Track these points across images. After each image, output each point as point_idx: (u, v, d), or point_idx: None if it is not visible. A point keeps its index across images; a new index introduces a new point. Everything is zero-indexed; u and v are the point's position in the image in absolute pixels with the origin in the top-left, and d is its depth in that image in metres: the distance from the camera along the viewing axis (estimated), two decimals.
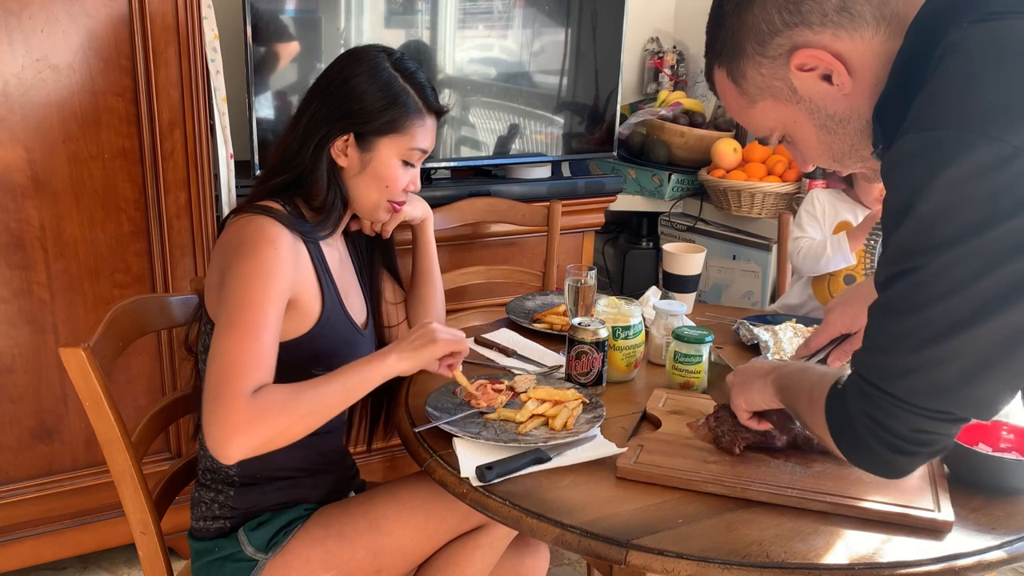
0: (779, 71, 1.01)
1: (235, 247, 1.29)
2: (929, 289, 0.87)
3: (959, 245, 0.85)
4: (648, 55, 3.36)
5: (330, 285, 1.40)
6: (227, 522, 1.40)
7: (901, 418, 0.92)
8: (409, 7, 2.38)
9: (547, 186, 2.58)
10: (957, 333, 0.87)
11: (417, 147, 1.42)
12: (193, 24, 1.95)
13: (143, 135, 1.96)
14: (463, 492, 1.20)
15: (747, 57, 1.02)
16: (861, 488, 1.17)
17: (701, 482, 1.18)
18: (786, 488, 1.17)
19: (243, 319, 1.22)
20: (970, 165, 0.83)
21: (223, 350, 1.19)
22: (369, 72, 1.39)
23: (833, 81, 0.98)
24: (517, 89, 2.57)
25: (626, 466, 1.22)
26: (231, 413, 1.14)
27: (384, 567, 1.38)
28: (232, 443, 1.14)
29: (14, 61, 1.81)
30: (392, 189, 1.42)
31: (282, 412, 1.17)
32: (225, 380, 1.17)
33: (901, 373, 0.91)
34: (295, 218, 1.36)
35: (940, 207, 0.85)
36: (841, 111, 1.01)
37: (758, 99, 1.05)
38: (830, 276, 2.15)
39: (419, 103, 1.41)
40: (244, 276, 1.25)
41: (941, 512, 1.12)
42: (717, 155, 2.89)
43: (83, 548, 2.14)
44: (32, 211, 1.90)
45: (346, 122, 1.37)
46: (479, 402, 1.38)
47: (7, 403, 1.97)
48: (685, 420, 1.36)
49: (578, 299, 1.68)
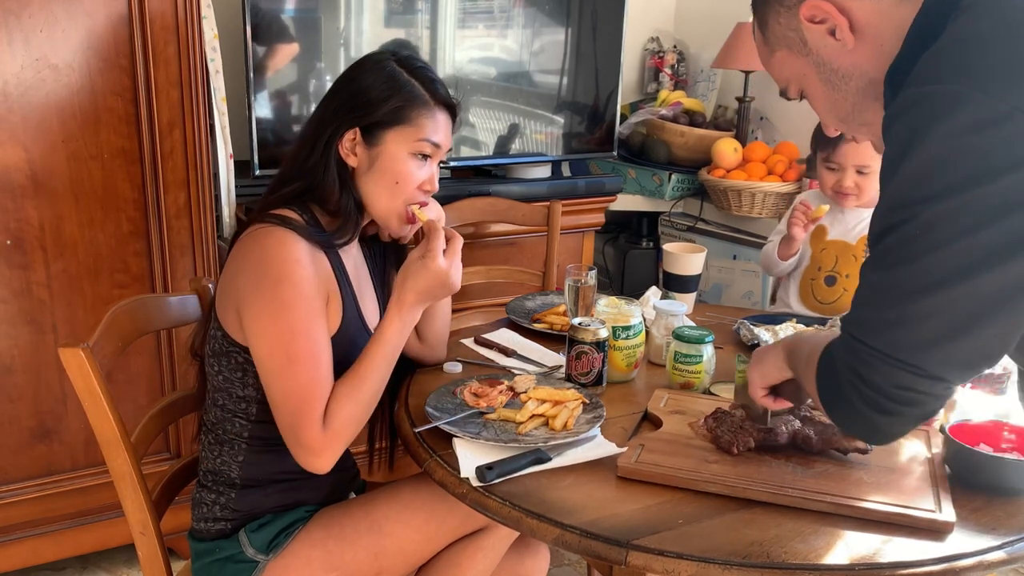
0: (793, 21, 1.04)
1: (256, 265, 1.29)
2: (917, 243, 0.87)
3: (949, 199, 0.85)
4: (648, 55, 3.36)
5: (349, 294, 1.40)
6: (228, 523, 1.40)
7: (883, 372, 0.91)
8: (409, 7, 2.38)
9: (547, 186, 2.58)
10: (941, 288, 0.87)
11: (426, 138, 1.37)
12: (193, 24, 1.95)
13: (142, 135, 1.95)
14: (463, 492, 1.19)
15: (770, 6, 1.06)
16: (862, 488, 1.17)
17: (702, 482, 1.18)
18: (787, 488, 1.16)
19: (299, 352, 1.26)
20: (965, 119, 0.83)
21: (292, 387, 1.27)
22: (373, 69, 1.38)
23: (836, 36, 1.00)
24: (517, 89, 2.57)
25: (627, 465, 1.21)
26: (314, 442, 1.26)
27: (385, 569, 1.37)
28: (323, 463, 1.27)
29: (14, 61, 1.81)
30: (403, 186, 1.38)
31: (352, 421, 1.29)
32: (302, 415, 1.26)
33: (885, 326, 0.91)
34: (312, 227, 1.34)
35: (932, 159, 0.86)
36: (844, 67, 1.03)
37: (776, 49, 1.09)
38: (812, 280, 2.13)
39: (424, 94, 1.38)
40: (283, 305, 1.27)
41: (942, 513, 1.12)
42: (717, 155, 2.89)
43: (83, 548, 2.14)
44: (31, 211, 1.89)
45: (350, 116, 1.36)
46: (479, 402, 1.38)
47: (6, 403, 1.97)
48: (686, 420, 1.36)
49: (578, 299, 1.68)
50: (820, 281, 2.11)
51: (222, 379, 1.38)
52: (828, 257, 2.11)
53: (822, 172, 2.08)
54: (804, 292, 2.15)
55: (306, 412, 1.25)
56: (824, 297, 2.11)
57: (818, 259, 2.12)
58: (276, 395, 1.27)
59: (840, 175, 2.03)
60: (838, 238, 2.10)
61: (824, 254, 2.11)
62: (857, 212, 2.08)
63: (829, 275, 2.09)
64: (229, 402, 1.38)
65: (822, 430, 1.25)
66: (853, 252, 2.07)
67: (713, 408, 1.35)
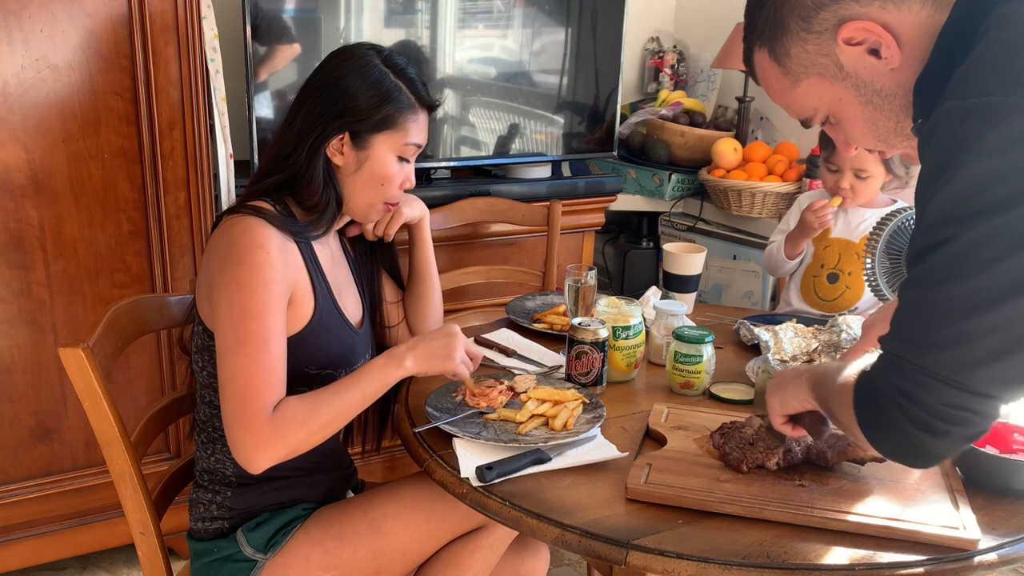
0: (825, 46, 0.98)
1: (225, 251, 1.30)
2: (963, 262, 0.84)
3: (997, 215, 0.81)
4: (648, 55, 3.36)
5: (322, 283, 1.40)
6: (225, 523, 1.40)
7: (932, 390, 0.88)
8: (409, 7, 2.38)
9: (547, 186, 2.58)
10: (992, 307, 0.83)
11: (412, 142, 1.41)
12: (193, 24, 1.95)
13: (142, 135, 1.95)
14: (463, 492, 1.19)
15: (791, 34, 1.00)
16: (882, 505, 1.14)
17: (716, 502, 1.14)
18: (807, 508, 1.13)
19: (248, 333, 1.24)
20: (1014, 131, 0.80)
21: (236, 369, 1.23)
22: (360, 70, 1.38)
23: (881, 55, 0.96)
24: (517, 89, 2.57)
25: (637, 487, 1.17)
26: (254, 431, 1.21)
27: (384, 567, 1.37)
28: (258, 458, 1.21)
29: (14, 61, 1.81)
30: (388, 187, 1.42)
31: (302, 426, 1.23)
32: (244, 399, 1.22)
33: (933, 346, 0.87)
34: (286, 218, 1.35)
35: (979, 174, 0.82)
36: (887, 86, 0.98)
37: (803, 78, 1.02)
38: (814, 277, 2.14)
39: (411, 98, 1.40)
40: (239, 286, 1.26)
41: (967, 530, 1.08)
42: (717, 155, 2.89)
43: (83, 548, 2.14)
44: (31, 211, 1.89)
45: (341, 121, 1.37)
46: (479, 402, 1.38)
47: (6, 403, 1.97)
48: (691, 436, 1.32)
49: (578, 299, 1.68)
50: (823, 278, 2.12)
51: (206, 375, 1.38)
52: (831, 254, 2.11)
53: (823, 172, 2.10)
54: (806, 289, 2.15)
55: (250, 395, 1.21)
56: (826, 294, 2.12)
57: (821, 256, 2.13)
58: (223, 376, 1.24)
59: (838, 176, 2.05)
60: (841, 235, 2.11)
61: (827, 251, 2.12)
62: (860, 212, 2.09)
63: (832, 272, 2.10)
64: (215, 397, 1.38)
65: (835, 443, 1.22)
66: (855, 250, 2.08)
67: (715, 422, 1.32)
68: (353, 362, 1.44)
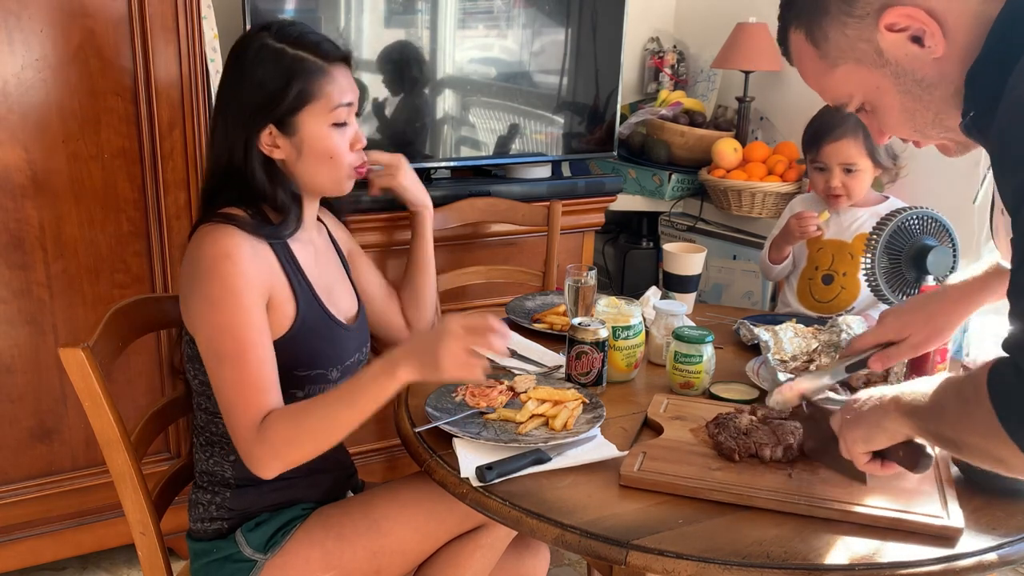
0: (866, 31, 0.96)
1: (193, 265, 1.29)
2: None
3: None
4: (648, 55, 3.36)
5: (303, 284, 1.39)
6: (224, 523, 1.40)
7: None
8: (409, 7, 2.38)
9: (547, 186, 2.58)
10: None
11: (338, 104, 1.36)
12: (192, 24, 1.94)
13: (142, 135, 1.95)
14: (463, 492, 1.19)
15: (831, 16, 0.97)
16: (868, 493, 1.16)
17: (707, 490, 1.17)
18: (794, 496, 1.15)
19: (225, 350, 1.24)
20: None
21: (220, 384, 1.25)
22: (256, 58, 1.34)
23: (925, 43, 0.93)
24: (517, 89, 2.57)
25: (630, 474, 1.20)
26: (247, 447, 1.23)
27: (384, 567, 1.37)
28: (259, 471, 1.24)
29: (14, 61, 1.81)
30: (336, 159, 1.38)
31: (289, 444, 1.23)
32: (233, 416, 1.24)
33: None
34: (257, 221, 1.33)
35: None
36: (929, 76, 0.95)
37: (840, 62, 1.00)
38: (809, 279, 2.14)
39: (317, 61, 1.35)
40: (210, 303, 1.26)
41: (950, 518, 1.10)
42: (717, 155, 2.89)
43: (82, 548, 2.14)
44: (31, 211, 1.89)
45: (259, 116, 1.34)
46: (479, 402, 1.38)
47: (6, 403, 1.97)
48: (687, 426, 1.34)
49: (578, 299, 1.68)
50: (818, 280, 2.12)
51: (199, 383, 1.38)
52: (824, 256, 2.11)
53: (812, 174, 2.10)
54: (802, 292, 2.15)
55: (235, 411, 1.24)
56: (822, 296, 2.12)
57: (815, 259, 2.13)
58: (214, 390, 1.28)
59: (827, 175, 2.04)
60: (834, 237, 2.11)
61: (820, 254, 2.12)
62: (852, 211, 2.09)
63: (826, 274, 2.10)
64: (210, 404, 1.38)
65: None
66: (849, 250, 2.08)
67: (713, 413, 1.34)
68: (344, 360, 1.44)
